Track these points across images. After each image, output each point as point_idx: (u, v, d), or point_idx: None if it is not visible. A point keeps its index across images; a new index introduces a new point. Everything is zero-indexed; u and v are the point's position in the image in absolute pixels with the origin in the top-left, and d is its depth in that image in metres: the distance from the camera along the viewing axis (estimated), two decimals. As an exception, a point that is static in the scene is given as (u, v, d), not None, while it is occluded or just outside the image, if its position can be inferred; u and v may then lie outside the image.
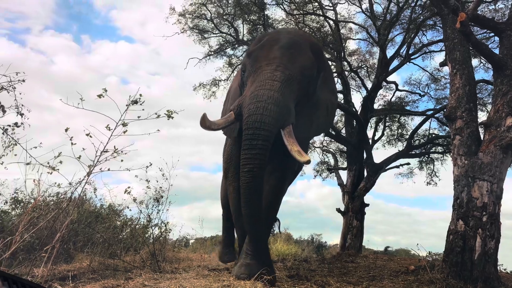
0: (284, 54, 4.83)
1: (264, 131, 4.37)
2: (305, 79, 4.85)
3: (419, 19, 14.78)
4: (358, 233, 14.38)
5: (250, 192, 4.30)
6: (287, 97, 4.56)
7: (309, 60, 4.94)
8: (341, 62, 15.55)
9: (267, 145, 4.35)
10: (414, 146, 15.96)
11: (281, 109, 4.46)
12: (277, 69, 4.67)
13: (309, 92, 5.04)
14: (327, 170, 19.03)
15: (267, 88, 4.53)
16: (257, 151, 4.31)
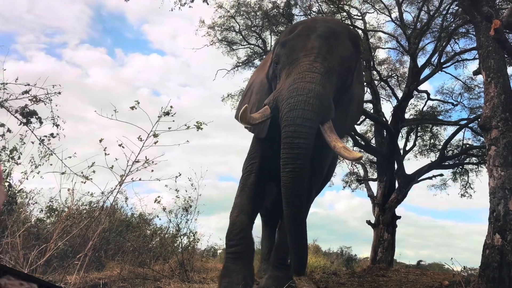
0: (322, 44, 4.50)
1: (306, 128, 4.05)
2: (345, 71, 4.53)
3: (451, 27, 14.47)
4: (389, 246, 14.02)
5: (294, 194, 3.96)
6: (327, 90, 4.24)
7: (349, 50, 4.62)
8: (370, 72, 15.37)
9: (309, 143, 4.03)
10: (447, 157, 15.51)
11: (323, 103, 4.13)
12: (316, 60, 4.36)
13: (346, 84, 4.74)
14: (357, 181, 18.74)
15: (307, 81, 4.21)
16: (299, 150, 3.99)
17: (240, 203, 5.06)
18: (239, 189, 5.25)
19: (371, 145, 16.17)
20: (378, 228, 14.34)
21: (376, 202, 14.88)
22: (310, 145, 4.02)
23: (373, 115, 15.43)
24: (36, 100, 3.45)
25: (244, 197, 5.06)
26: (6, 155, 3.71)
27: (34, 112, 3.49)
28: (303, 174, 3.98)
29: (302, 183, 3.98)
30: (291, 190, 3.95)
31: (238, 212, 4.93)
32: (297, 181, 3.94)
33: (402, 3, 15.47)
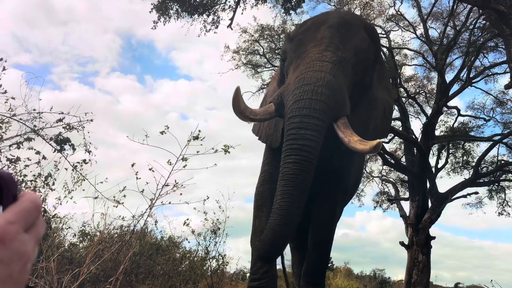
0: (334, 34, 4.04)
1: (314, 120, 3.52)
2: (360, 64, 4.03)
3: (479, 41, 14.20)
4: (425, 268, 13.51)
5: (295, 186, 3.38)
6: (340, 81, 3.74)
7: (364, 41, 4.15)
8: (397, 89, 15.20)
9: (318, 137, 3.49)
10: (482, 174, 14.97)
11: (335, 94, 3.63)
12: (327, 49, 3.87)
13: (365, 82, 4.25)
14: (388, 200, 18.30)
15: (316, 70, 3.72)
16: (305, 142, 3.45)
17: (260, 227, 4.58)
18: (255, 207, 4.80)
19: (401, 163, 15.83)
20: (412, 249, 13.87)
21: (409, 223, 14.45)
22: (319, 140, 3.50)
23: (402, 132, 15.15)
24: (70, 127, 3.58)
25: (263, 219, 4.55)
26: (41, 181, 3.84)
27: (67, 139, 3.62)
28: (308, 168, 3.42)
29: (305, 179, 3.41)
30: (293, 182, 3.39)
31: (258, 241, 4.42)
32: (300, 175, 3.39)
33: (427, 19, 15.35)
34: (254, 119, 3.97)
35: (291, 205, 3.34)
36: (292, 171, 3.40)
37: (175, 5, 11.62)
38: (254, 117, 3.94)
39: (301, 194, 3.39)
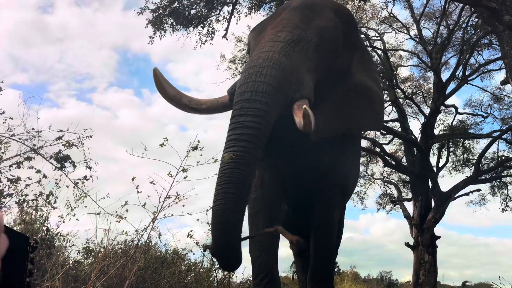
0: (294, 14, 3.84)
1: (256, 103, 3.22)
2: (326, 45, 3.74)
3: (473, 39, 14.28)
4: (431, 268, 13.44)
5: (228, 185, 3.04)
6: (297, 61, 3.45)
7: (330, 21, 3.86)
8: (394, 90, 15.24)
9: (261, 123, 3.19)
10: (483, 171, 14.96)
11: (286, 74, 3.33)
12: (282, 29, 3.63)
13: (338, 67, 3.98)
14: (391, 202, 18.26)
15: (265, 51, 3.47)
16: (243, 131, 3.16)
17: (257, 237, 4.39)
18: (249, 215, 4.50)
19: (402, 164, 15.82)
20: (418, 250, 13.81)
21: (413, 223, 14.40)
22: (262, 125, 3.20)
23: (401, 133, 15.16)
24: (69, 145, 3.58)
25: (260, 227, 4.36)
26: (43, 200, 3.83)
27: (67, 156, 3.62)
28: (246, 160, 3.10)
29: (244, 172, 3.07)
30: (228, 178, 3.06)
31: (259, 251, 4.35)
32: (237, 168, 3.06)
33: (420, 20, 15.44)
34: (198, 109, 3.70)
35: (225, 208, 3.00)
36: (227, 166, 3.09)
37: (169, 19, 11.69)
38: (198, 107, 3.67)
39: (239, 191, 3.05)
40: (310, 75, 3.56)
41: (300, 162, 4.44)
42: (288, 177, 4.62)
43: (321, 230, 4.55)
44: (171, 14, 11.55)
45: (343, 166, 4.59)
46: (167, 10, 11.49)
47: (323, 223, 4.55)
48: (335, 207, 4.64)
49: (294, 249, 5.31)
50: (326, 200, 4.53)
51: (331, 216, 4.58)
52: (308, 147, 4.23)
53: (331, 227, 4.60)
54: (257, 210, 4.45)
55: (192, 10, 11.83)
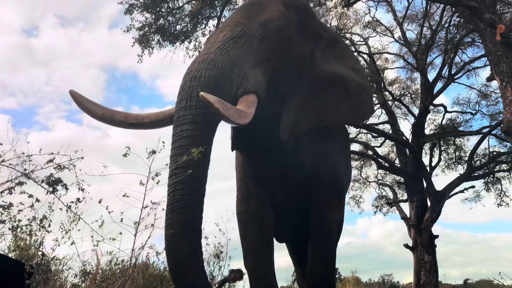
0: (237, 13, 3.86)
1: (191, 109, 3.12)
2: (273, 36, 3.65)
3: (456, 38, 14.51)
4: (432, 268, 13.43)
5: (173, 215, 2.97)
6: (238, 57, 3.37)
7: (276, 12, 3.78)
8: (382, 93, 15.38)
9: (197, 128, 3.09)
10: (476, 167, 15.07)
11: (223, 72, 3.25)
12: (223, 30, 3.59)
13: (295, 58, 3.87)
14: (387, 204, 18.29)
15: (201, 54, 3.43)
16: (181, 142, 3.07)
17: (250, 249, 4.34)
18: (240, 228, 4.45)
19: (396, 165, 15.90)
20: (417, 250, 13.81)
21: (411, 224, 14.42)
22: (199, 131, 3.09)
23: (393, 135, 15.27)
24: (61, 167, 3.55)
25: (252, 240, 4.32)
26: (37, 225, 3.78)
27: (59, 179, 3.58)
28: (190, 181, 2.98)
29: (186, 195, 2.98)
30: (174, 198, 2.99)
31: (254, 263, 4.29)
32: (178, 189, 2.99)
33: (403, 22, 15.66)
34: (140, 124, 3.52)
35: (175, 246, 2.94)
36: (171, 188, 3.06)
37: (156, 36, 11.74)
38: (139, 122, 3.50)
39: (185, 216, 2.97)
40: (258, 69, 3.48)
41: (282, 166, 4.30)
42: (272, 184, 4.47)
43: (317, 232, 4.39)
44: (157, 31, 11.60)
45: (327, 162, 4.42)
46: (153, 27, 11.54)
47: (319, 224, 4.37)
48: (330, 206, 4.44)
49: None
50: (318, 199, 4.37)
51: (326, 216, 4.39)
52: (288, 149, 4.12)
53: (328, 228, 4.40)
54: (247, 223, 4.38)
55: (178, 25, 11.90)
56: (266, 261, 4.29)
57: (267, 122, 3.80)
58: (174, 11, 11.66)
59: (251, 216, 4.37)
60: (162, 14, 11.54)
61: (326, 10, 13.96)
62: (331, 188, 4.53)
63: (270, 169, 4.36)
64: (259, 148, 4.26)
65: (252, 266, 4.32)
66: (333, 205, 4.56)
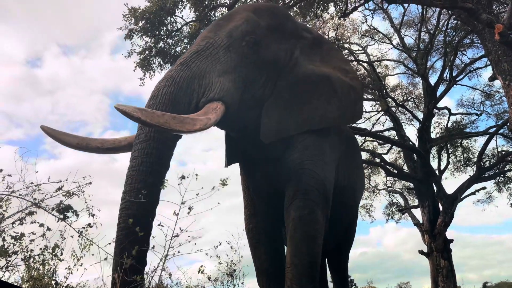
0: (206, 29, 3.98)
1: (146, 128, 3.22)
2: (239, 42, 3.70)
3: (455, 40, 14.55)
4: (449, 273, 13.20)
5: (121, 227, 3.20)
6: (200, 69, 3.46)
7: (241, 19, 3.82)
8: (385, 100, 15.38)
9: (150, 147, 3.20)
10: (486, 168, 14.92)
11: (181, 86, 3.35)
12: (190, 49, 3.73)
13: (270, 60, 3.83)
14: (398, 211, 18.10)
15: (165, 74, 3.56)
16: (133, 162, 3.23)
17: (262, 266, 4.28)
18: (251, 246, 4.37)
19: (404, 171, 15.78)
20: (433, 256, 13.60)
21: (424, 230, 14.23)
22: (152, 149, 3.21)
23: (399, 141, 15.20)
24: (70, 194, 3.57)
25: (263, 257, 4.25)
26: (49, 254, 3.78)
27: (69, 206, 3.59)
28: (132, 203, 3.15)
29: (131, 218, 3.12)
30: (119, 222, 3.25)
31: (267, 281, 4.25)
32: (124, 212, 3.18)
33: (400, 28, 15.75)
34: (117, 148, 3.57)
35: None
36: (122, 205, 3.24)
37: (156, 59, 11.88)
38: (116, 145, 3.55)
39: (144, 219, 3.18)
40: (226, 77, 3.53)
41: (272, 175, 4.15)
42: (267, 198, 4.31)
43: (299, 229, 3.77)
44: (157, 54, 11.74)
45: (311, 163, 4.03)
46: (153, 51, 11.68)
47: (302, 221, 3.79)
48: (315, 203, 3.85)
49: None
50: (304, 193, 3.86)
51: (309, 213, 3.80)
52: (276, 157, 4.02)
53: (312, 225, 3.80)
54: (256, 241, 4.35)
55: (178, 47, 12.05)
56: (279, 278, 4.14)
57: (252, 131, 3.81)
58: (173, 33, 11.81)
59: (260, 233, 4.33)
60: (161, 37, 11.69)
61: (323, 22, 14.08)
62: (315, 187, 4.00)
63: (262, 180, 4.27)
64: (249, 159, 4.23)
65: (266, 284, 4.28)
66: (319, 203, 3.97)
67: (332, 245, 5.13)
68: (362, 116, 11.62)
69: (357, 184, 5.26)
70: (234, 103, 3.53)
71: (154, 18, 10.90)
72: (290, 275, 3.68)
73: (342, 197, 4.54)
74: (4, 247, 3.47)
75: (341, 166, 4.54)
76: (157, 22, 11.12)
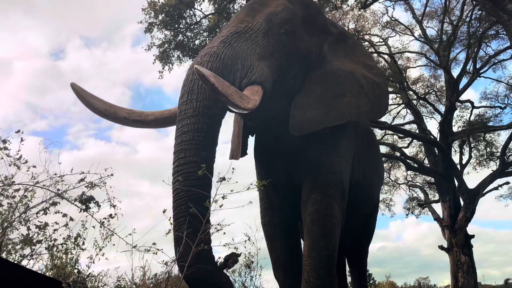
0: (240, 12, 3.88)
1: (192, 103, 3.14)
2: (278, 28, 3.63)
3: (479, 32, 14.16)
4: (470, 269, 13.00)
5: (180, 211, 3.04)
6: (242, 49, 3.38)
7: (279, 6, 3.75)
8: (406, 92, 15.13)
9: (197, 122, 3.10)
10: (509, 163, 14.56)
11: (226, 63, 3.28)
12: (227, 28, 3.66)
13: (302, 52, 3.80)
14: (419, 205, 17.87)
15: (205, 49, 3.46)
16: (182, 138, 3.12)
17: (279, 260, 4.25)
18: (267, 239, 4.33)
19: (425, 166, 15.55)
20: (453, 251, 13.41)
21: (445, 225, 14.03)
22: (200, 124, 3.11)
23: (420, 135, 14.96)
24: (92, 185, 3.64)
25: (279, 250, 4.24)
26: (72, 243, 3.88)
27: (91, 197, 3.67)
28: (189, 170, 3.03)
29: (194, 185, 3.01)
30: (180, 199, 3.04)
31: (282, 273, 4.23)
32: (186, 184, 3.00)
33: (422, 20, 15.42)
34: (144, 121, 3.47)
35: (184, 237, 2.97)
36: (177, 187, 3.06)
37: (176, 52, 11.95)
38: (143, 119, 3.45)
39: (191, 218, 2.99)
40: (264, 62, 3.47)
41: (289, 172, 4.14)
42: (284, 191, 4.28)
43: (316, 222, 3.78)
44: (176, 47, 11.81)
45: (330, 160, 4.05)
46: (173, 44, 11.76)
47: (319, 214, 3.81)
48: (332, 198, 3.89)
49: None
50: (321, 188, 3.89)
51: (326, 208, 3.83)
52: (295, 151, 3.98)
53: (329, 219, 3.82)
54: (273, 233, 4.32)
55: (197, 40, 12.09)
56: (296, 271, 4.15)
57: (275, 123, 3.79)
58: (192, 27, 11.86)
59: (276, 226, 4.30)
60: (180, 30, 11.75)
61: (343, 13, 13.90)
62: (333, 184, 4.03)
63: (279, 173, 4.20)
64: (266, 152, 4.19)
65: (282, 277, 4.27)
66: (337, 198, 4.04)
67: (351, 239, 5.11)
68: (387, 110, 11.44)
69: (373, 178, 5.22)
70: (269, 90, 3.47)
71: (173, 11, 10.96)
72: (307, 267, 3.70)
73: (358, 192, 4.51)
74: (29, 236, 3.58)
75: (357, 160, 4.53)
76: (176, 16, 11.18)
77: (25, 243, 3.57)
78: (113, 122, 3.54)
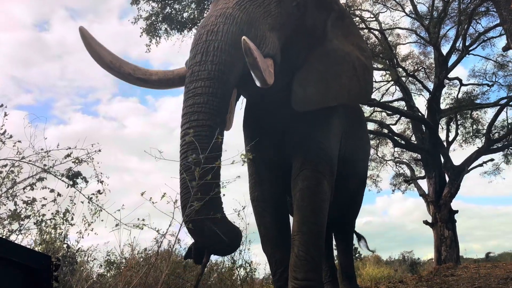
0: None
1: (207, 65, 2.95)
2: (290, 1, 3.49)
3: (469, 8, 14.11)
4: (452, 243, 13.38)
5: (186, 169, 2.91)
6: (256, 16, 3.19)
7: None
8: (395, 69, 15.13)
9: (213, 86, 2.94)
10: (495, 140, 14.82)
11: (242, 28, 3.06)
12: None
13: (307, 27, 3.70)
14: (405, 182, 18.18)
15: (218, 8, 3.20)
16: (194, 100, 2.93)
17: (268, 234, 4.26)
18: (256, 214, 4.33)
19: (412, 142, 15.74)
20: (437, 226, 13.75)
21: (430, 200, 14.33)
22: (216, 88, 2.94)
23: (408, 112, 15.08)
24: (79, 161, 3.61)
25: (268, 225, 4.25)
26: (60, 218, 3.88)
27: (78, 173, 3.64)
28: (203, 133, 2.88)
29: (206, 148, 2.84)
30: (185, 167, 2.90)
31: (272, 248, 4.24)
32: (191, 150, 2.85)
33: (414, -5, 15.30)
34: (147, 80, 3.27)
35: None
36: (183, 149, 2.92)
37: (163, 25, 11.71)
38: (147, 78, 3.25)
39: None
40: (274, 33, 3.31)
41: (280, 148, 4.12)
42: (274, 167, 4.25)
43: (306, 198, 3.79)
44: (164, 19, 11.57)
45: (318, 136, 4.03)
46: (160, 17, 11.51)
47: (309, 191, 3.81)
48: (322, 174, 3.88)
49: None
50: (312, 165, 3.87)
51: (316, 184, 3.83)
52: (287, 128, 3.95)
53: (319, 195, 3.83)
54: (262, 209, 4.31)
55: (185, 13, 11.85)
56: (284, 245, 4.18)
57: (272, 98, 3.75)
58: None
59: (266, 201, 4.30)
60: (168, 2, 11.49)
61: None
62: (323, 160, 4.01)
63: (269, 149, 4.17)
64: (257, 127, 4.15)
65: (270, 250, 4.31)
66: (327, 175, 4.03)
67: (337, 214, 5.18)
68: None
69: (359, 154, 5.24)
70: (278, 65, 3.31)
71: (161, -17, 10.67)
72: (297, 242, 3.73)
73: (344, 168, 4.52)
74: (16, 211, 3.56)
75: (345, 136, 4.55)
76: (164, -13, 10.90)
77: (13, 218, 3.55)
78: (116, 77, 3.31)
